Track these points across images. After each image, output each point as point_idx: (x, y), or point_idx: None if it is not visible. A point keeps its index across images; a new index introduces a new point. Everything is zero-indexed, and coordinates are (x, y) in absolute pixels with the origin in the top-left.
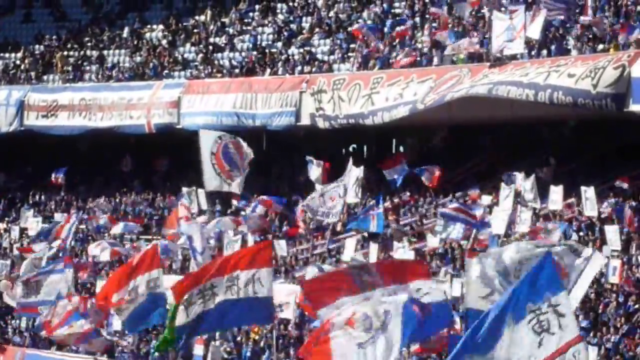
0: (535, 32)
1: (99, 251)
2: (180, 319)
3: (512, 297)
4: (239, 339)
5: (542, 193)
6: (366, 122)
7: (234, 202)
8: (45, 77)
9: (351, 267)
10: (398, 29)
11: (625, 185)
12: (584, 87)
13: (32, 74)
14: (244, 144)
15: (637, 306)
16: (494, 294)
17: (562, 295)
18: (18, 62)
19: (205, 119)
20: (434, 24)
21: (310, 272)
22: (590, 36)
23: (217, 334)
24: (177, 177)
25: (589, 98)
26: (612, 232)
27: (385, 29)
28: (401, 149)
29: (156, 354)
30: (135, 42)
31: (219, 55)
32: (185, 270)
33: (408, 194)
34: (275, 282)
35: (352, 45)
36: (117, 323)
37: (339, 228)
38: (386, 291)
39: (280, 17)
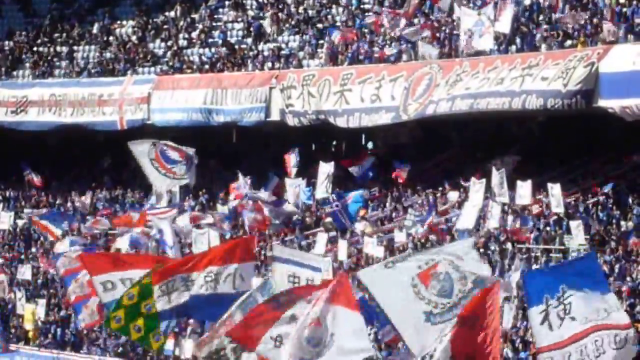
0: (504, 26)
1: (66, 247)
2: (162, 305)
3: None
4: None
5: (511, 188)
6: (338, 121)
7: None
8: (15, 73)
9: (267, 300)
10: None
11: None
12: (554, 87)
13: (2, 69)
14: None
15: None
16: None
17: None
18: None
19: (175, 115)
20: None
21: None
22: (560, 32)
23: (188, 329)
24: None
25: (559, 97)
26: (575, 228)
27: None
28: (370, 144)
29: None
30: (105, 38)
31: (189, 51)
32: None
33: (377, 189)
34: None
35: (321, 41)
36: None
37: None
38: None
39: (250, 13)
